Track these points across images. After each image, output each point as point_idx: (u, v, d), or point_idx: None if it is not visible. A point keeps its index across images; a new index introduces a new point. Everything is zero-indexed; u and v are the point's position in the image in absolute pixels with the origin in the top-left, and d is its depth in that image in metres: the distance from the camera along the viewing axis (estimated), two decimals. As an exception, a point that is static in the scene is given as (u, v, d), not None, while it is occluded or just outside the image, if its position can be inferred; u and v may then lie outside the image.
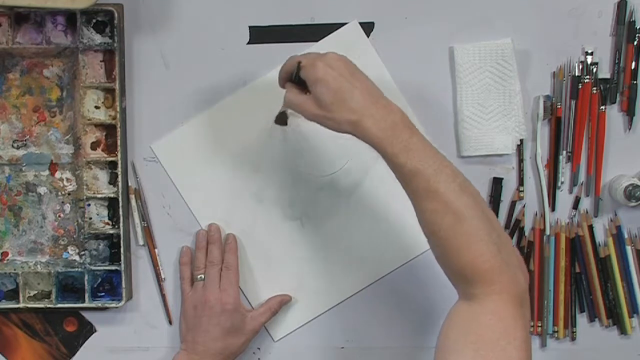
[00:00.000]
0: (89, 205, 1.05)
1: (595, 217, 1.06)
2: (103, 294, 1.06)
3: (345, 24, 1.04)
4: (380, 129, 0.83)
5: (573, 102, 1.04)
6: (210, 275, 1.03)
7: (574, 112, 1.04)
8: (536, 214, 1.06)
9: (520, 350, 0.78)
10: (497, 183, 1.05)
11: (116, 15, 1.01)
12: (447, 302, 1.06)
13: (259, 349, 1.08)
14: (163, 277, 1.07)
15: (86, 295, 1.04)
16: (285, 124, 1.04)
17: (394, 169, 0.84)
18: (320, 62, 0.85)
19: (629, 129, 1.05)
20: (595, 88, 1.03)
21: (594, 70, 1.03)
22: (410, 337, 1.07)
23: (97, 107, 1.04)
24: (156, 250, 1.07)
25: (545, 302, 1.05)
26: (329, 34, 1.04)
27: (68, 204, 1.06)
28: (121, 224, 1.03)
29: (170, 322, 1.08)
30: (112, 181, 1.05)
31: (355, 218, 1.06)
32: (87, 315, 1.08)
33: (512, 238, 1.05)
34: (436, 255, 0.85)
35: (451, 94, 1.05)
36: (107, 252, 1.06)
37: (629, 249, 1.05)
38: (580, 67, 1.04)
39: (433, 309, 1.07)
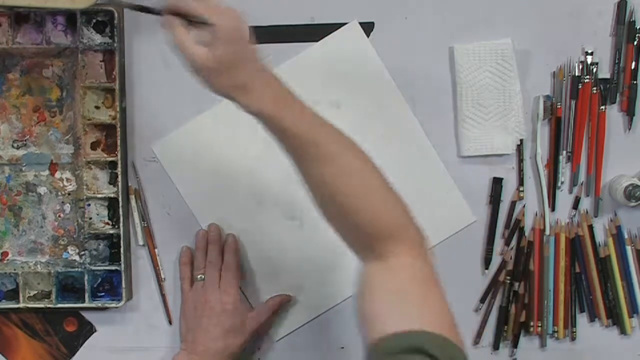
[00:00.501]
0: (89, 205, 1.05)
1: (595, 217, 1.06)
2: (103, 294, 1.06)
3: (345, 24, 1.04)
4: (273, 99, 0.79)
5: (573, 102, 1.04)
6: (210, 275, 1.03)
7: (574, 112, 1.04)
8: (536, 214, 1.06)
9: (444, 300, 0.79)
10: (497, 183, 1.05)
11: (116, 15, 1.01)
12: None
13: (258, 349, 1.08)
14: (163, 277, 1.07)
15: (86, 295, 1.04)
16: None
17: (286, 139, 0.81)
18: (233, 21, 0.78)
19: (629, 129, 1.05)
20: (595, 88, 1.03)
21: (594, 70, 1.03)
22: (410, 337, 1.07)
23: (97, 107, 1.04)
24: (156, 250, 1.07)
25: (545, 302, 1.05)
26: (329, 34, 1.04)
27: (68, 204, 1.06)
28: (121, 224, 1.03)
29: (170, 322, 1.08)
30: (112, 181, 1.05)
31: (355, 218, 1.06)
32: (87, 315, 1.08)
33: (512, 238, 1.06)
34: (339, 219, 0.83)
35: (451, 94, 1.05)
36: (107, 252, 1.06)
37: (629, 249, 1.05)
38: (580, 67, 1.04)
39: (433, 309, 1.07)
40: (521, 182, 1.05)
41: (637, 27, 1.03)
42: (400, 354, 0.73)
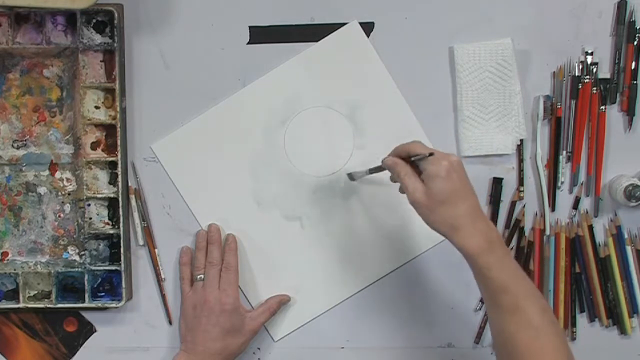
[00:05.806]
0: (89, 205, 1.05)
1: (595, 217, 1.06)
2: (103, 294, 1.06)
3: (345, 24, 1.04)
4: (478, 241, 0.86)
5: (573, 102, 1.04)
6: (209, 275, 1.03)
7: (574, 112, 1.04)
8: (536, 214, 1.06)
9: None
10: (497, 183, 1.05)
11: (116, 15, 1.01)
12: (447, 302, 1.06)
13: (259, 349, 1.08)
14: (163, 277, 1.07)
15: (86, 295, 1.04)
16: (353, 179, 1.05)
17: (482, 281, 0.87)
18: (446, 161, 0.87)
19: (629, 129, 1.05)
20: (595, 88, 1.03)
21: (594, 70, 1.03)
22: (410, 337, 1.07)
23: (97, 107, 1.04)
24: (156, 250, 1.07)
25: (545, 302, 1.06)
26: (329, 34, 1.04)
27: (68, 204, 1.06)
28: (121, 224, 1.03)
29: (170, 322, 1.08)
30: (112, 181, 1.05)
31: (355, 218, 1.06)
32: (87, 315, 1.08)
33: (512, 238, 1.06)
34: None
35: (451, 94, 1.05)
36: (107, 252, 1.06)
37: (629, 249, 1.05)
38: (580, 67, 1.04)
39: (433, 309, 1.07)
40: (521, 182, 1.05)
41: (637, 27, 1.03)
42: None
